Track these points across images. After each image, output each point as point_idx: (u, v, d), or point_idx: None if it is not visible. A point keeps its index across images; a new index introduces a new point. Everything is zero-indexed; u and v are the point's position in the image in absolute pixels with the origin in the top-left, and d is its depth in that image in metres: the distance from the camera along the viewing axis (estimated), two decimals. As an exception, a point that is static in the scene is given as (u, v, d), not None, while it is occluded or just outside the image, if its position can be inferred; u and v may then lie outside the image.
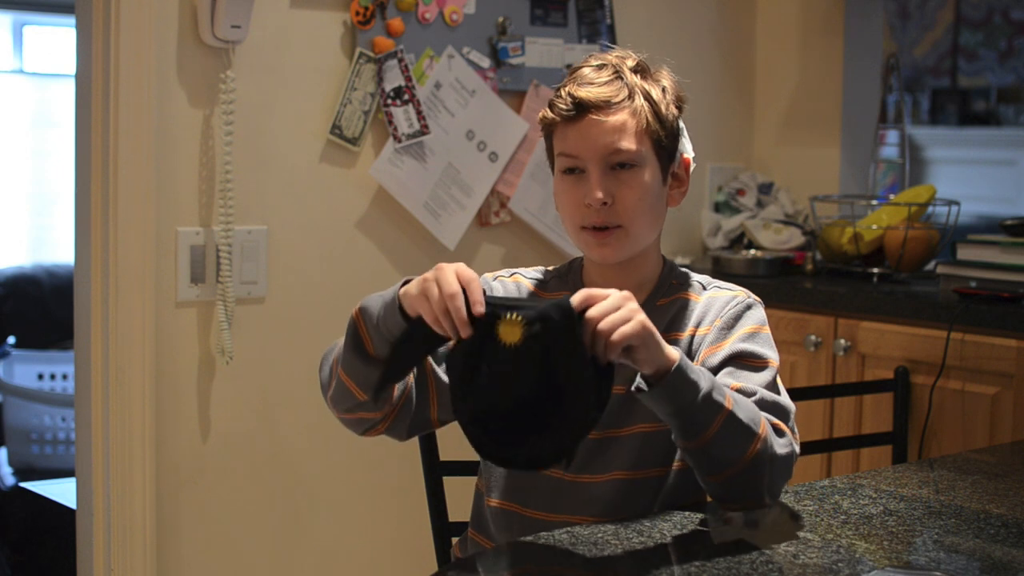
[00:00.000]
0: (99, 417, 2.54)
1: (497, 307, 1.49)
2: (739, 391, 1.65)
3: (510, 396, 1.49)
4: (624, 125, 1.73)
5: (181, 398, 2.64)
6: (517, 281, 1.87)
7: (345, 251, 2.83)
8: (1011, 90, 6.60)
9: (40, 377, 4.75)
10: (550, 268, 1.90)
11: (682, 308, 1.78)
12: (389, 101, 2.83)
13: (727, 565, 1.46)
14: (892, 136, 3.35)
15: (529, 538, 1.54)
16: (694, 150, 1.85)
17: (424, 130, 2.87)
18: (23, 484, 3.89)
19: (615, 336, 1.48)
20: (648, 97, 1.75)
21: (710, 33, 3.44)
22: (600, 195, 1.72)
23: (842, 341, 2.82)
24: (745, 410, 1.60)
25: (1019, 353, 2.56)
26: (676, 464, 1.75)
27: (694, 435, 1.58)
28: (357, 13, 2.78)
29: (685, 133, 1.83)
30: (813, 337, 2.87)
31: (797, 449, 1.67)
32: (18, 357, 4.76)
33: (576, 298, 1.50)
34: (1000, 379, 2.59)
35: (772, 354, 1.73)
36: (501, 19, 2.99)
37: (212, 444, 2.68)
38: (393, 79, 2.83)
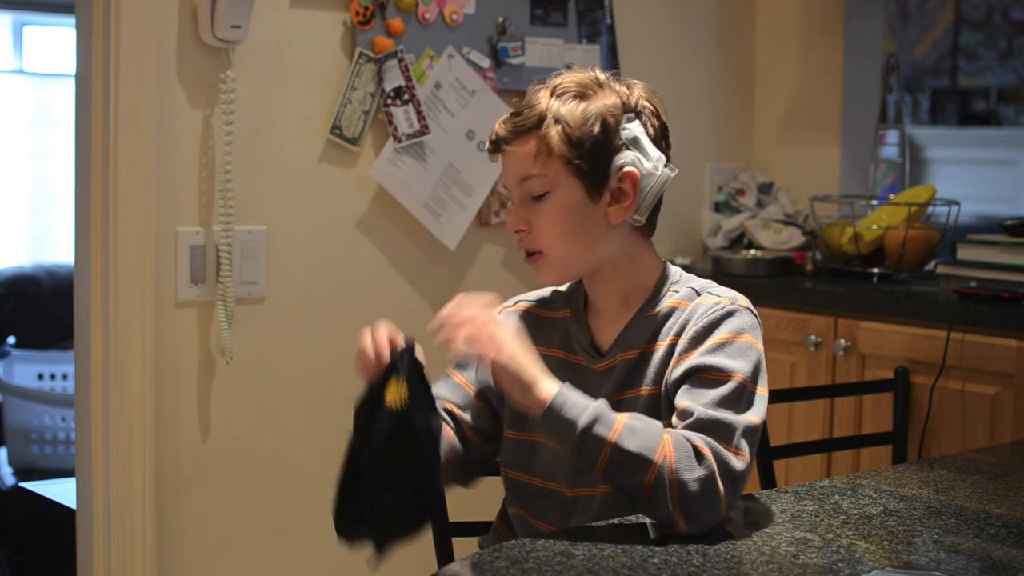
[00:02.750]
0: (99, 417, 2.54)
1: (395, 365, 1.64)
2: (683, 411, 1.62)
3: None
4: (528, 153, 1.75)
5: (181, 398, 2.64)
6: (518, 309, 1.88)
7: (345, 251, 2.83)
8: (1011, 90, 6.61)
9: (40, 377, 4.74)
10: (563, 288, 1.89)
11: (667, 316, 1.75)
12: (389, 101, 2.83)
13: (727, 565, 1.46)
14: (892, 136, 3.35)
15: (528, 538, 1.54)
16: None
17: (424, 130, 2.87)
18: (23, 484, 3.89)
19: (453, 339, 1.63)
20: (559, 119, 1.74)
21: (710, 33, 3.44)
22: (513, 224, 1.78)
23: (842, 341, 2.82)
24: (641, 438, 1.57)
25: (1019, 353, 2.56)
26: None
27: (590, 467, 1.60)
28: (357, 13, 2.78)
29: (643, 143, 1.75)
30: (813, 337, 2.87)
31: (738, 466, 1.58)
32: (18, 357, 4.75)
33: (433, 322, 1.64)
34: (1000, 379, 2.59)
35: (739, 365, 1.65)
36: (501, 19, 2.99)
37: (212, 444, 2.68)
38: (393, 79, 2.83)
